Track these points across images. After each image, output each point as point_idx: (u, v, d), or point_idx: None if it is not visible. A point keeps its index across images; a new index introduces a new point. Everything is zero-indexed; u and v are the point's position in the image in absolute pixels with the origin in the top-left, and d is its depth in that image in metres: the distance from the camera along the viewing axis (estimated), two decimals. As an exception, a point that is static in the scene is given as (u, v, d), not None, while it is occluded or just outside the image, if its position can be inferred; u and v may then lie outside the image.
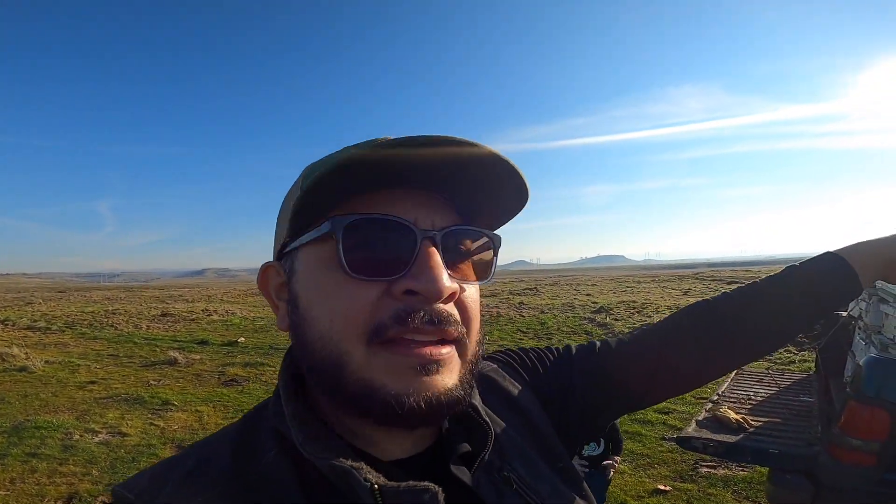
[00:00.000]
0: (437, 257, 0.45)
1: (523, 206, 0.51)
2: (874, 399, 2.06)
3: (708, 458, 4.15)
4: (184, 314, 17.61)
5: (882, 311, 2.84)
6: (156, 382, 7.93)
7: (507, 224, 0.55)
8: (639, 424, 4.97)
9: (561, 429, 0.64)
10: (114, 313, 17.91)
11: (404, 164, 0.44)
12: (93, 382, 7.85)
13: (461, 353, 0.47)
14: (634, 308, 14.08)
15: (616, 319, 12.31)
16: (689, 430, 2.46)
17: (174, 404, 6.60)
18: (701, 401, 5.85)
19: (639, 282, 29.51)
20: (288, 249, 0.50)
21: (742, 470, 3.90)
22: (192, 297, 29.27)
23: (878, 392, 2.07)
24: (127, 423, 5.82)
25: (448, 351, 0.45)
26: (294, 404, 0.48)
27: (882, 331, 2.82)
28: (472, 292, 0.50)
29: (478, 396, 0.55)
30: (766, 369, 5.11)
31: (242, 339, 12.20)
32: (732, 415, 2.56)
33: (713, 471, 3.96)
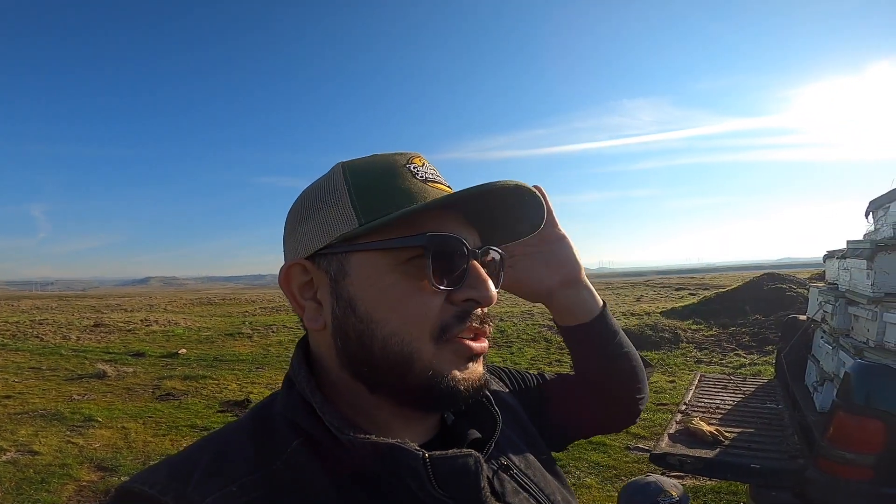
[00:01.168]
0: (484, 271, 0.53)
1: (535, 231, 0.60)
2: (865, 408, 1.91)
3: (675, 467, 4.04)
4: (120, 324, 16.48)
5: (851, 314, 2.76)
6: (79, 397, 7.29)
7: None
8: (601, 434, 4.82)
9: (539, 431, 0.71)
10: (41, 323, 16.53)
11: (449, 193, 0.53)
12: (7, 397, 7.16)
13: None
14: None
15: (574, 326, 12.34)
16: (664, 446, 2.26)
17: (97, 420, 6.01)
18: (661, 407, 5.80)
19: (595, 289, 30.12)
20: (334, 252, 0.52)
21: (710, 480, 3.79)
22: (132, 307, 27.65)
23: (869, 401, 1.92)
24: (40, 441, 5.24)
25: (486, 345, 0.54)
26: (321, 395, 0.50)
27: (851, 334, 2.74)
28: None
29: (493, 385, 0.68)
30: (728, 375, 5.08)
31: (184, 350, 11.45)
32: (706, 427, 2.39)
33: (682, 481, 3.82)
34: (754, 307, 12.13)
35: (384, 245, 0.49)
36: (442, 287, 0.49)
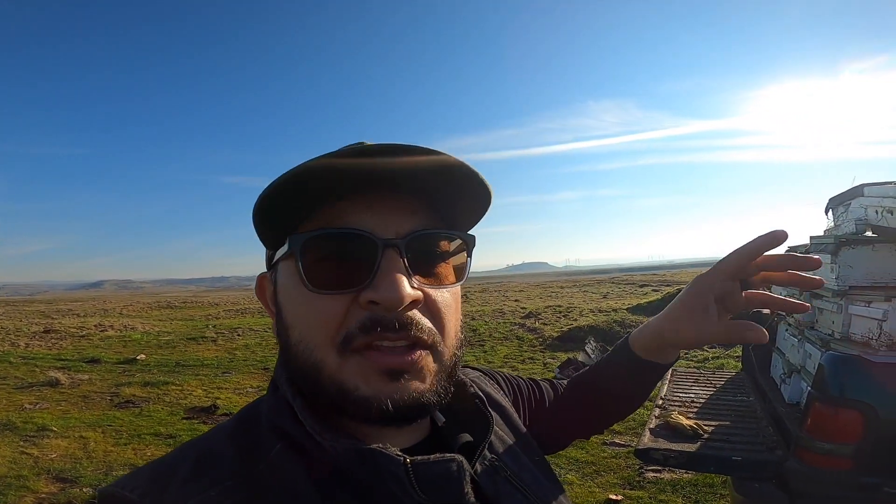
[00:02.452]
0: (398, 265, 0.45)
1: (489, 203, 0.52)
2: (841, 399, 1.98)
3: (659, 462, 4.13)
4: (72, 330, 15.71)
5: (815, 307, 2.88)
6: (31, 406, 6.89)
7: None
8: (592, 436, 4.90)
9: (533, 434, 0.70)
10: (-15, 330, 15.49)
11: (368, 171, 0.45)
12: (-46, 407, 6.69)
13: (436, 358, 0.48)
14: (561, 312, 14.46)
15: (545, 324, 12.53)
16: (646, 441, 2.29)
17: (52, 430, 5.69)
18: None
19: (562, 287, 30.74)
20: (273, 262, 0.52)
21: (687, 473, 3.90)
22: (85, 312, 26.37)
23: (844, 391, 1.99)
24: (-8, 452, 4.94)
25: (419, 356, 0.46)
26: (301, 399, 0.48)
27: (816, 326, 2.86)
28: (444, 296, 0.50)
29: (486, 388, 0.67)
30: (697, 368, 5.24)
31: (143, 355, 10.98)
32: (685, 421, 2.44)
33: (659, 475, 3.92)
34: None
35: (280, 253, 0.49)
36: (325, 292, 0.45)
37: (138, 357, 10.72)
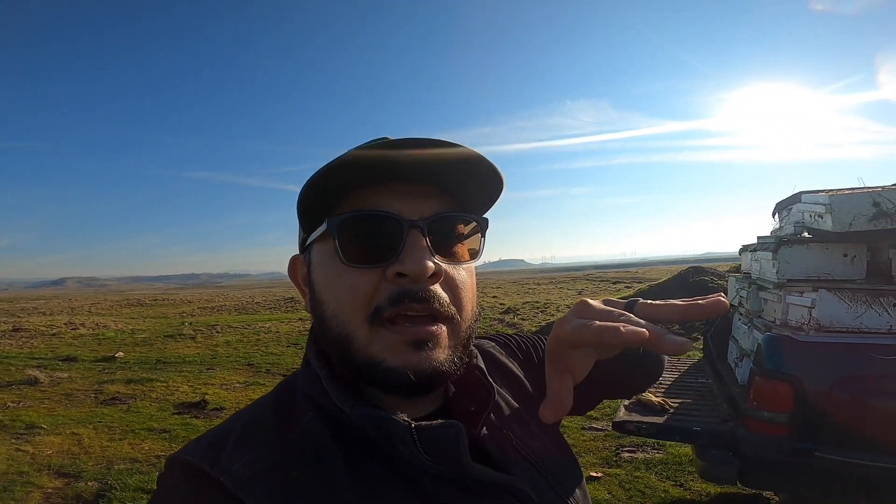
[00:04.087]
0: (421, 242, 0.51)
1: (501, 189, 0.58)
2: (775, 373, 2.36)
3: (627, 443, 4.52)
4: (41, 328, 15.27)
5: (762, 297, 3.29)
6: (14, 405, 6.83)
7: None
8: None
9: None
10: (-53, 329, 14.92)
11: (395, 162, 0.51)
12: (-67, 408, 6.56)
13: (453, 331, 0.53)
14: (538, 308, 14.91)
15: (523, 319, 12.94)
16: (622, 415, 2.64)
17: (42, 427, 5.71)
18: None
19: (538, 283, 31.34)
20: (306, 245, 0.58)
21: (658, 453, 4.31)
22: (51, 310, 25.52)
23: (777, 366, 2.38)
24: (-13, 451, 4.95)
25: (438, 328, 0.52)
26: (326, 370, 0.55)
27: (762, 315, 3.27)
28: (461, 274, 0.55)
29: (482, 362, 0.63)
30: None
31: (121, 353, 10.88)
32: (654, 398, 2.81)
33: (634, 455, 4.32)
34: (682, 297, 13.22)
35: (315, 235, 0.55)
36: (359, 265, 0.51)
37: (116, 355, 10.61)
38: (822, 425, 2.33)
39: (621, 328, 0.41)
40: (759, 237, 3.46)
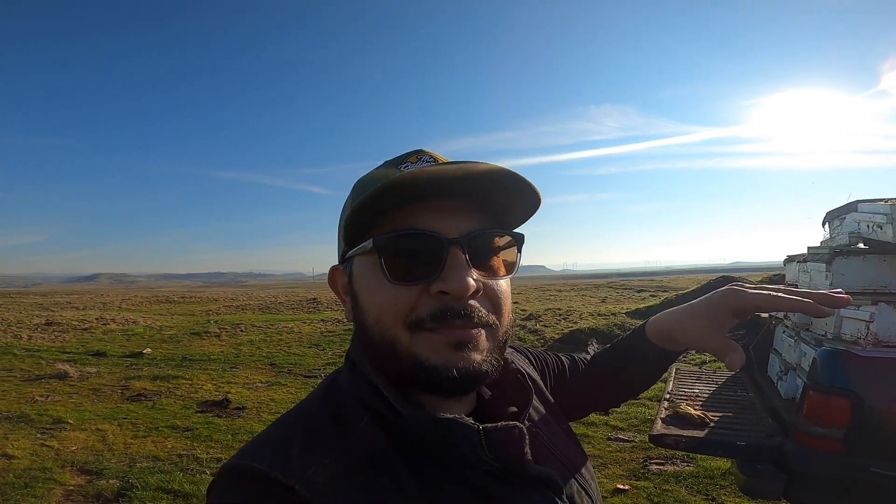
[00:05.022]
0: (461, 260, 0.53)
1: (538, 204, 0.60)
2: (831, 388, 2.23)
3: (655, 455, 4.33)
4: (74, 323, 15.75)
5: (811, 311, 3.10)
6: (42, 399, 6.98)
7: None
8: (584, 426, 5.09)
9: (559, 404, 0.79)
10: (-12, 321, 15.54)
11: (435, 181, 0.53)
12: (-37, 399, 6.76)
13: (491, 335, 0.56)
14: (560, 315, 14.67)
15: (545, 326, 12.73)
16: (659, 429, 2.51)
17: (69, 422, 5.80)
18: (634, 401, 6.15)
19: (560, 290, 30.97)
20: (347, 257, 0.60)
21: (688, 465, 4.11)
22: (84, 305, 26.36)
23: (833, 381, 2.24)
24: (12, 445, 5.04)
25: (477, 332, 0.54)
26: (384, 377, 0.56)
27: (811, 328, 3.08)
28: (500, 285, 0.58)
29: (522, 364, 0.72)
30: (699, 367, 5.46)
31: (149, 349, 11.10)
32: (693, 411, 2.66)
33: (662, 467, 4.13)
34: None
35: (358, 251, 0.57)
36: (402, 283, 0.53)
37: (144, 351, 10.83)
38: (879, 441, 2.25)
39: (804, 299, 0.62)
40: (809, 248, 3.29)
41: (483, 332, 0.55)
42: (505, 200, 0.58)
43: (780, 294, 0.63)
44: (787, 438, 2.42)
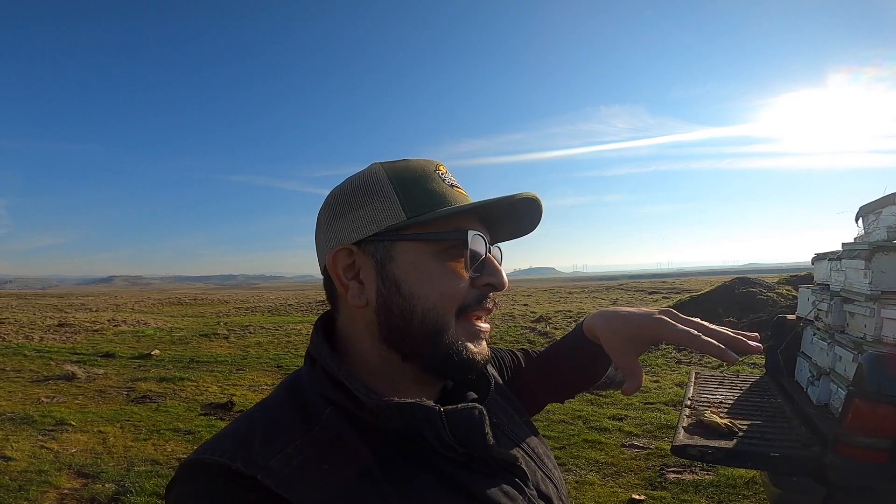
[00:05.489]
0: (500, 260, 0.67)
1: (527, 233, 0.73)
2: (878, 394, 2.01)
3: (672, 463, 4.11)
4: (86, 324, 15.83)
5: (846, 311, 2.88)
6: (48, 399, 6.95)
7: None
8: (596, 432, 4.88)
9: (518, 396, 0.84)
10: (1, 322, 15.76)
11: (488, 206, 0.62)
12: (-30, 400, 6.73)
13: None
14: (571, 317, 14.41)
15: (555, 328, 12.50)
16: (682, 438, 2.30)
17: (71, 424, 5.73)
18: (649, 406, 5.92)
19: (570, 292, 30.62)
20: (381, 239, 0.61)
21: (708, 474, 3.88)
22: (97, 306, 26.63)
23: (881, 388, 2.02)
24: (12, 446, 4.96)
25: (489, 327, 0.65)
26: (345, 368, 0.58)
27: (846, 330, 2.86)
28: None
29: None
30: (721, 372, 5.22)
31: (157, 351, 11.06)
32: (719, 419, 2.45)
33: (680, 476, 3.91)
34: (727, 310, 12.53)
35: (433, 237, 0.60)
36: (470, 274, 0.61)
37: (153, 352, 10.80)
38: None
39: (714, 342, 0.61)
40: (843, 244, 3.06)
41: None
42: (510, 224, 0.70)
43: (699, 335, 0.63)
44: (825, 448, 2.22)
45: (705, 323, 0.66)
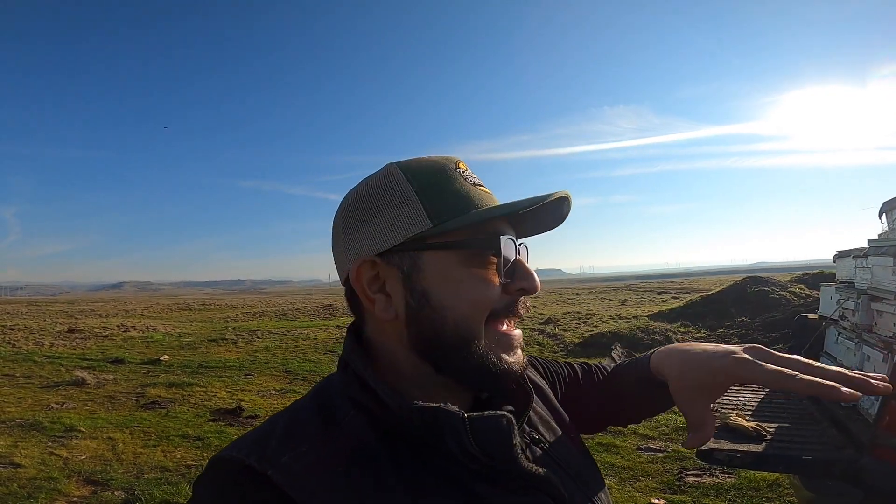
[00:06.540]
0: (527, 261, 0.63)
1: (558, 224, 0.68)
2: None
3: (691, 466, 4.00)
4: (95, 330, 15.93)
5: (874, 310, 2.78)
6: (58, 405, 6.96)
7: None
8: (611, 436, 4.78)
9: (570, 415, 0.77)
10: (12, 329, 15.89)
11: (517, 207, 0.58)
12: (-20, 407, 6.75)
13: None
14: (580, 318, 14.28)
15: (564, 330, 12.38)
16: (708, 442, 2.22)
17: (80, 430, 5.71)
18: (664, 408, 5.80)
19: (578, 294, 30.42)
20: (405, 249, 0.57)
21: (729, 477, 3.77)
22: (107, 312, 26.82)
23: None
24: (21, 453, 4.94)
25: (520, 333, 0.61)
26: (373, 372, 0.56)
27: (874, 329, 2.75)
28: None
29: (530, 372, 0.76)
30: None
31: (166, 356, 11.08)
32: (745, 422, 2.35)
33: (700, 479, 3.81)
34: (739, 310, 12.36)
35: (462, 245, 0.57)
36: (502, 280, 0.58)
37: (162, 358, 10.82)
38: None
39: (825, 383, 0.51)
40: (870, 241, 2.96)
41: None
42: (538, 216, 0.64)
43: (796, 375, 0.53)
44: (858, 451, 2.12)
45: (808, 361, 0.55)
